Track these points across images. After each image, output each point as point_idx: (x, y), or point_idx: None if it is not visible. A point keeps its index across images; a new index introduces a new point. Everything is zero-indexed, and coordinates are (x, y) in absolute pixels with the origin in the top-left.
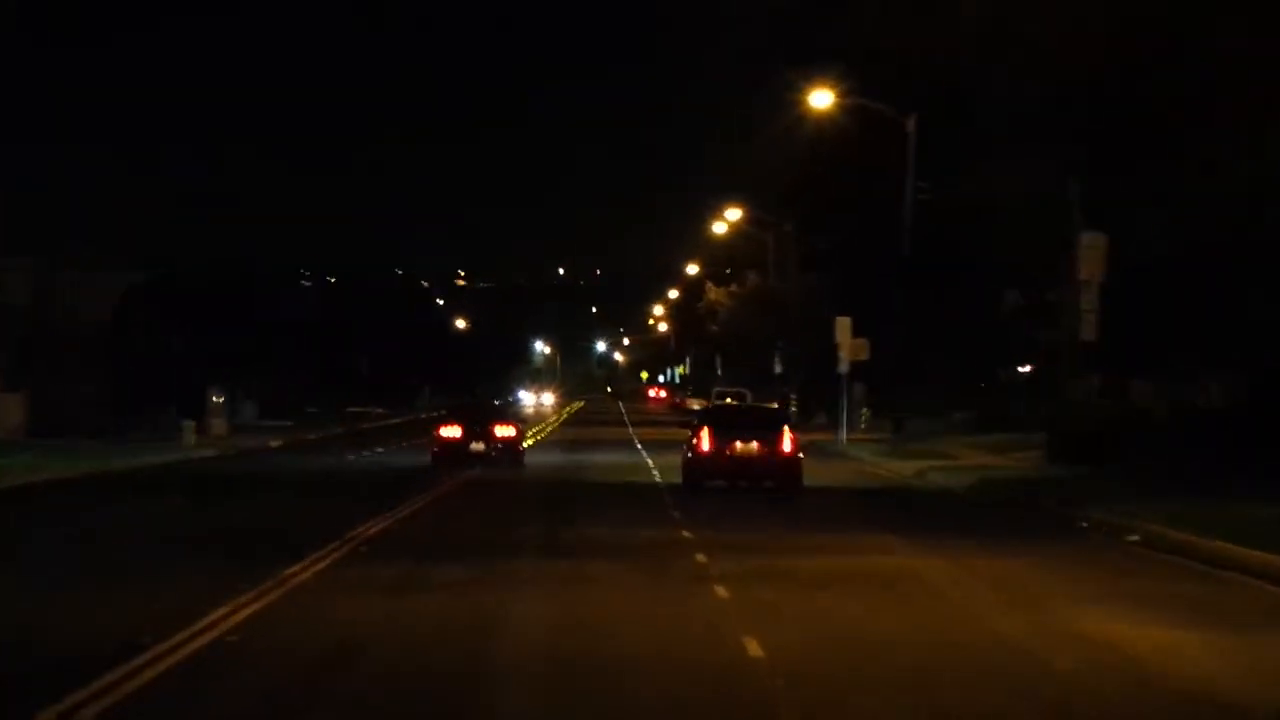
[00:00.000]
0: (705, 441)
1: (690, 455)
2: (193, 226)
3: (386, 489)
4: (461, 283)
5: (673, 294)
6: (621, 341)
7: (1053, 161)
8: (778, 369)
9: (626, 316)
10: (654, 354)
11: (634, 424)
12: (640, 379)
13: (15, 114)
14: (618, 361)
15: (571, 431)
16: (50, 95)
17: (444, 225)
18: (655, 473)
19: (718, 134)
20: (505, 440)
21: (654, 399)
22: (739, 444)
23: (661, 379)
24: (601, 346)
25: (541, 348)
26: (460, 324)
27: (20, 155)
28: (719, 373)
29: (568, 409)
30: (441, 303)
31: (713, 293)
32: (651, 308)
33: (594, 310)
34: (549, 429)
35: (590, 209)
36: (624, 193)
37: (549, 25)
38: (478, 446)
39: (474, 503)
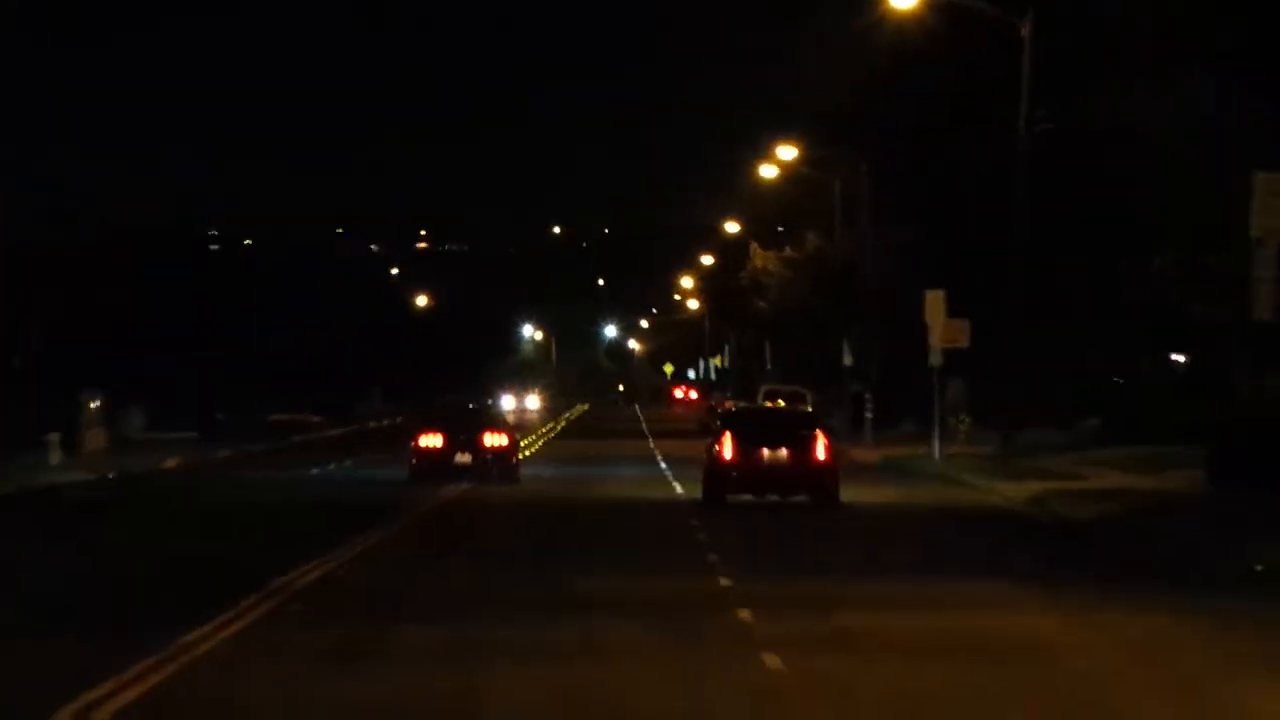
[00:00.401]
0: (728, 449)
1: (711, 465)
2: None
3: (343, 516)
4: (423, 245)
5: (706, 260)
6: (638, 324)
7: (1213, 84)
8: (846, 360)
9: (644, 292)
10: (681, 340)
11: (654, 434)
12: (663, 374)
13: (15, 114)
14: (632, 351)
15: (571, 446)
16: (50, 95)
17: (443, 225)
18: (677, 486)
19: (768, 59)
20: (496, 450)
21: (681, 401)
22: (766, 451)
23: (691, 374)
24: (611, 331)
25: (531, 333)
26: (421, 301)
27: (19, 155)
28: (768, 365)
29: (565, 416)
30: (396, 272)
31: (759, 258)
32: (677, 279)
33: (600, 283)
34: (535, 445)
35: (591, 209)
36: (624, 193)
37: (549, 25)
38: (464, 458)
39: (451, 534)
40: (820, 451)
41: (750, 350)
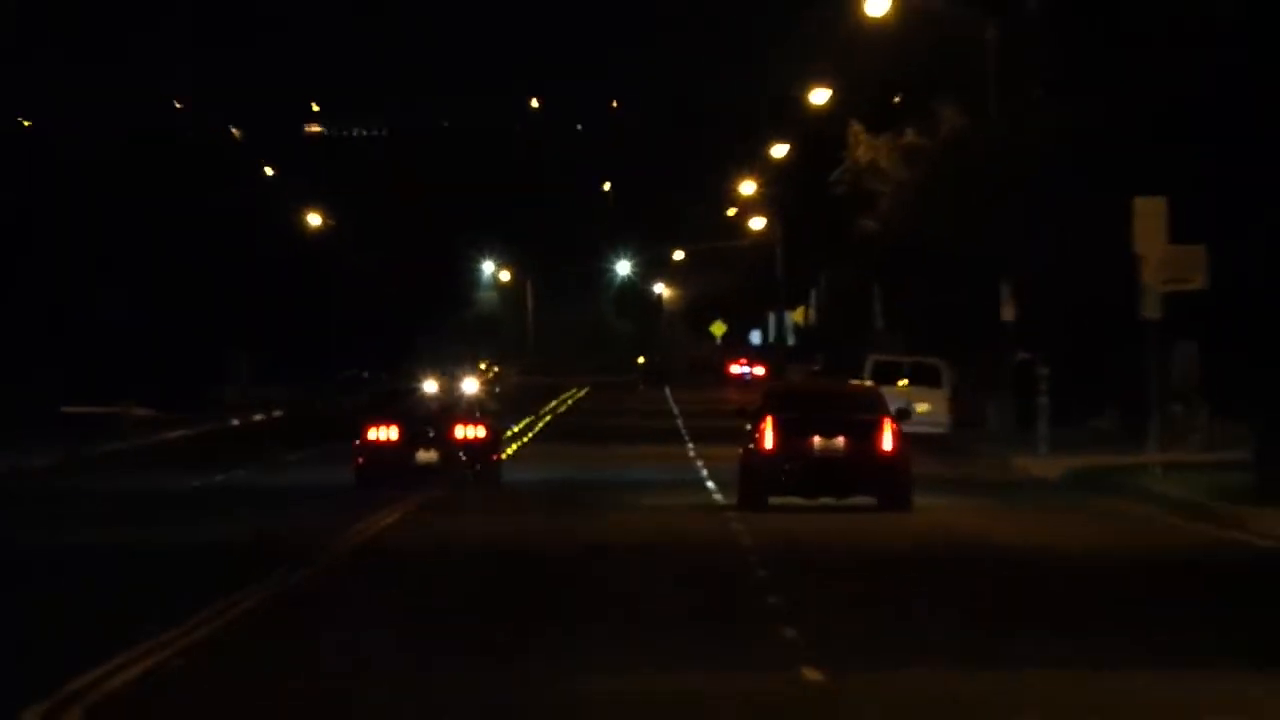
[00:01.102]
0: (769, 438)
1: (749, 459)
2: None
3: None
4: (317, 129)
5: (777, 152)
6: (667, 258)
7: None
8: (1007, 313)
9: (676, 206)
10: (737, 284)
11: (696, 436)
12: (710, 337)
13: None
14: (659, 300)
15: (552, 453)
16: None
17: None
18: (736, 525)
19: None
20: (471, 444)
21: (740, 379)
22: (818, 439)
23: (755, 337)
24: (624, 269)
25: (493, 273)
26: (313, 222)
27: None
28: (878, 321)
29: (545, 410)
30: (272, 173)
31: (864, 146)
32: (729, 184)
33: (606, 188)
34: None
35: (592, 76)
36: (644, 54)
37: None
38: (427, 455)
39: (376, 594)
40: (887, 440)
41: (850, 297)
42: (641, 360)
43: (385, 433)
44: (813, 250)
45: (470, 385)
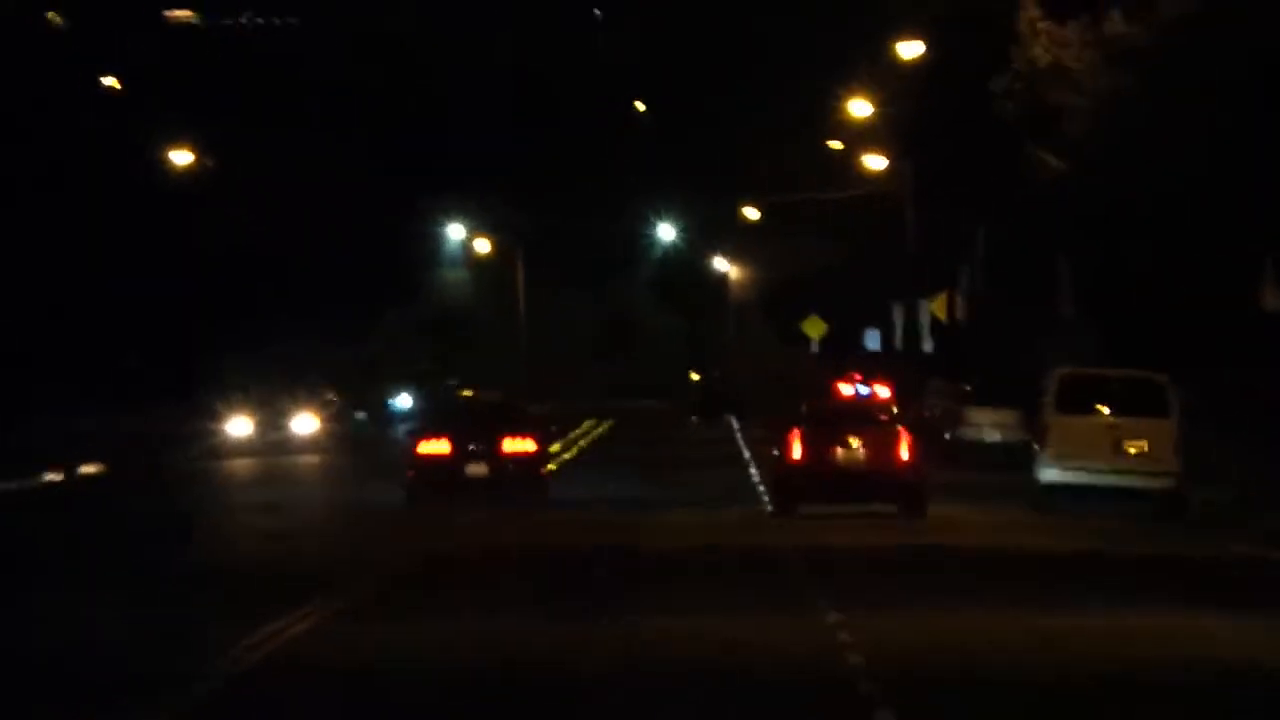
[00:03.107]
0: (797, 448)
1: (779, 468)
2: None
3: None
4: (185, 15)
5: (906, 52)
6: (736, 217)
7: None
8: (1271, 299)
9: (744, 140)
10: (843, 259)
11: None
12: (803, 339)
13: None
14: (722, 281)
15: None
16: None
17: None
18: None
19: None
20: (519, 458)
21: (854, 405)
22: (840, 450)
23: (872, 340)
24: (667, 234)
25: (466, 242)
26: (180, 160)
27: None
28: (1068, 310)
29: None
30: (117, 85)
31: (1043, 39)
32: (832, 102)
33: (639, 109)
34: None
35: None
36: None
37: None
38: (477, 469)
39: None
40: (904, 449)
41: (1022, 276)
42: (695, 377)
43: (436, 445)
44: (963, 204)
45: (304, 424)
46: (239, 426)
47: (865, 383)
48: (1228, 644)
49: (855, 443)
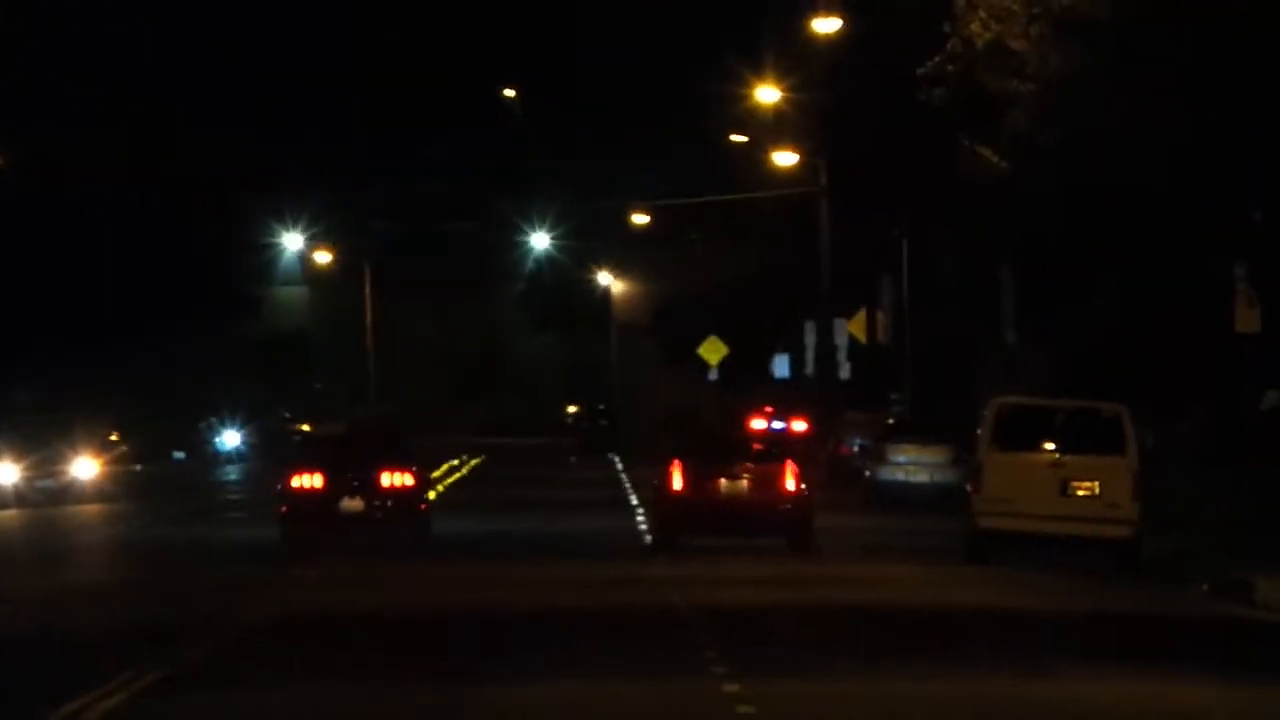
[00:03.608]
0: (677, 479)
1: (660, 499)
2: None
3: None
4: None
5: (821, 26)
6: (622, 221)
7: None
8: (1245, 320)
9: (633, 129)
10: (747, 272)
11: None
12: (700, 365)
13: None
14: (605, 297)
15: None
16: None
17: None
18: None
19: None
20: (397, 493)
21: (766, 439)
22: (724, 481)
23: (782, 365)
24: (541, 242)
25: (303, 253)
26: None
27: None
28: (1009, 334)
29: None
30: None
31: (980, 14)
32: (735, 86)
33: (508, 95)
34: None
35: None
36: None
37: None
38: (353, 504)
39: None
40: (789, 480)
41: (955, 292)
42: (571, 410)
43: (309, 479)
44: (887, 207)
45: (83, 469)
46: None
47: (780, 417)
48: (1175, 715)
49: (739, 474)
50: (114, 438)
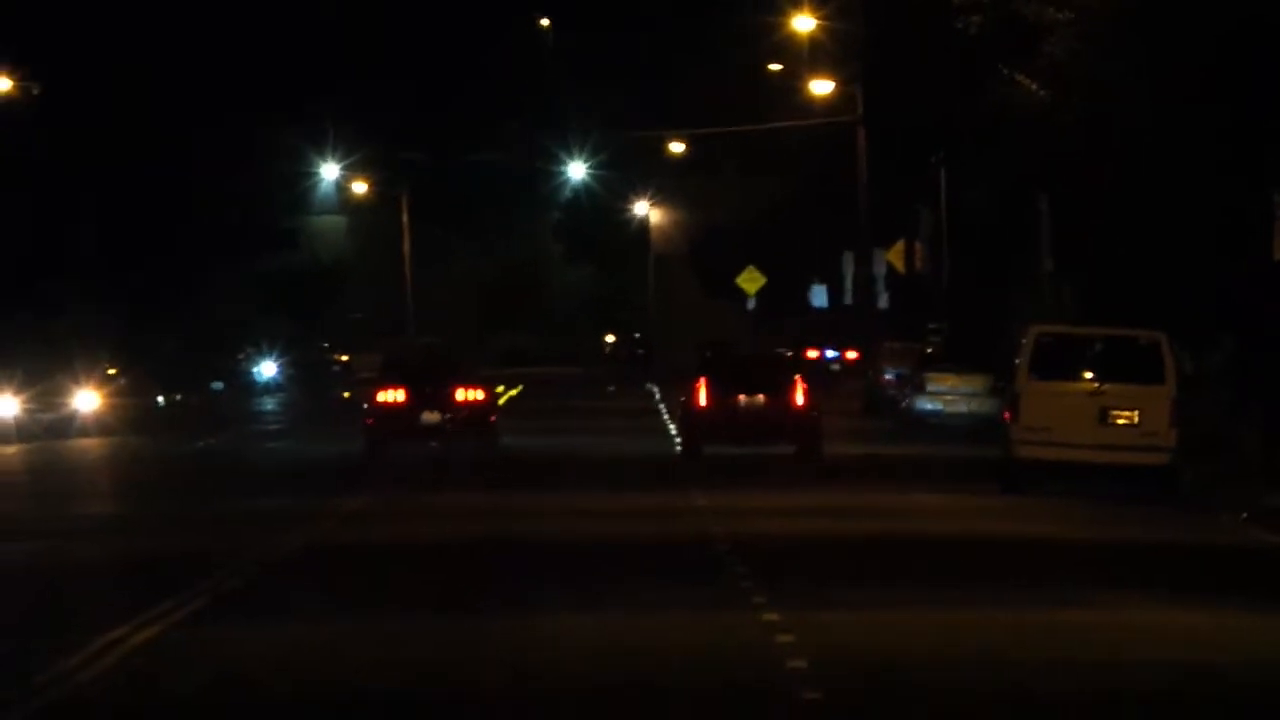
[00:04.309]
0: (702, 395)
1: (686, 413)
2: None
3: None
4: None
5: None
6: (659, 151)
7: None
8: None
9: (668, 60)
10: (784, 202)
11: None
12: (739, 295)
13: None
14: (643, 227)
15: None
16: None
17: None
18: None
19: None
20: (470, 407)
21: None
22: (743, 397)
23: (820, 294)
24: (577, 172)
25: (340, 183)
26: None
27: None
28: (1046, 264)
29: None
30: None
31: None
32: (771, 17)
33: (543, 24)
34: None
35: None
36: None
37: None
38: (431, 416)
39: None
40: (799, 395)
41: (992, 223)
42: (609, 340)
43: (393, 394)
44: (925, 137)
45: (86, 402)
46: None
47: (819, 353)
48: (1215, 645)
49: (755, 389)
50: (111, 370)
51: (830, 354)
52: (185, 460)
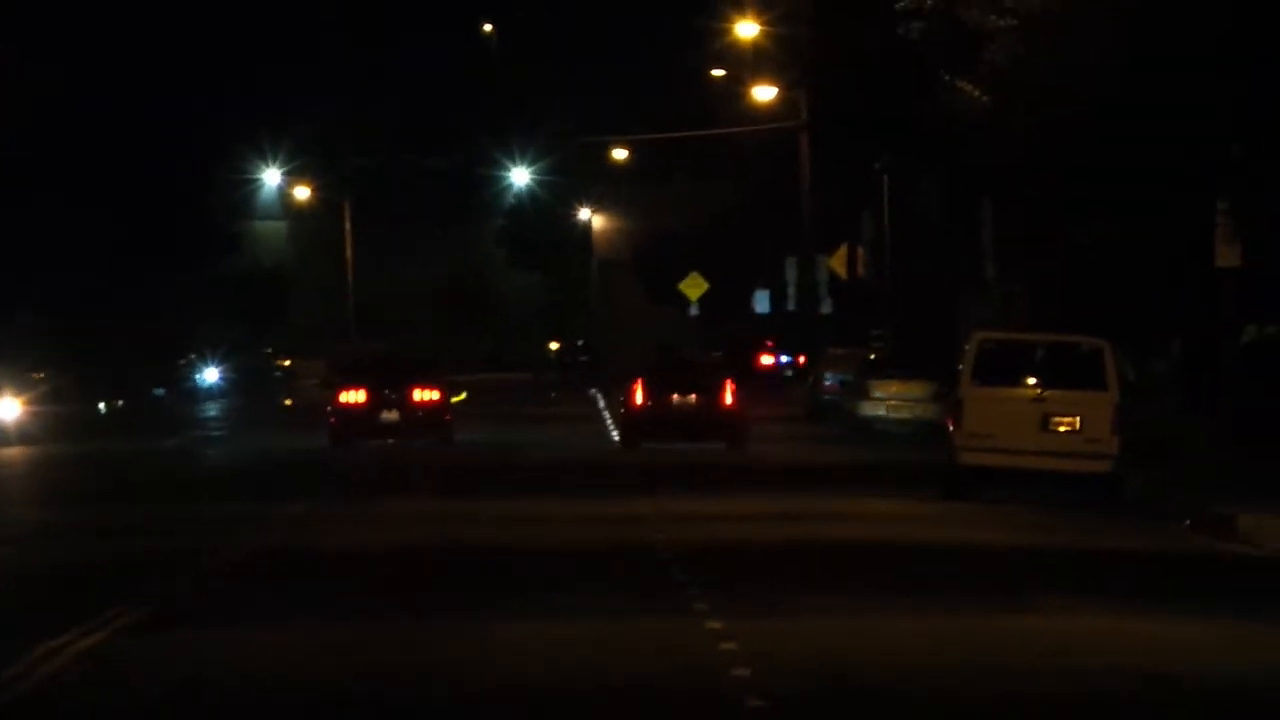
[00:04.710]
0: (639, 394)
1: (625, 410)
2: None
3: None
4: None
5: None
6: (602, 158)
7: None
8: (1225, 256)
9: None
10: (726, 209)
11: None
12: (681, 302)
13: None
14: (585, 234)
15: None
16: None
17: None
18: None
19: None
20: (426, 406)
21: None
22: (675, 396)
23: (762, 300)
24: (521, 178)
25: (282, 189)
26: None
27: None
28: (988, 270)
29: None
30: None
31: None
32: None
33: (486, 30)
34: None
35: None
36: None
37: None
38: (389, 415)
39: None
40: (728, 396)
41: (935, 228)
42: (554, 346)
43: (354, 395)
44: (867, 142)
45: (4, 409)
46: None
47: (774, 355)
48: (1169, 650)
49: (688, 390)
50: (37, 376)
51: (784, 359)
52: (125, 465)
